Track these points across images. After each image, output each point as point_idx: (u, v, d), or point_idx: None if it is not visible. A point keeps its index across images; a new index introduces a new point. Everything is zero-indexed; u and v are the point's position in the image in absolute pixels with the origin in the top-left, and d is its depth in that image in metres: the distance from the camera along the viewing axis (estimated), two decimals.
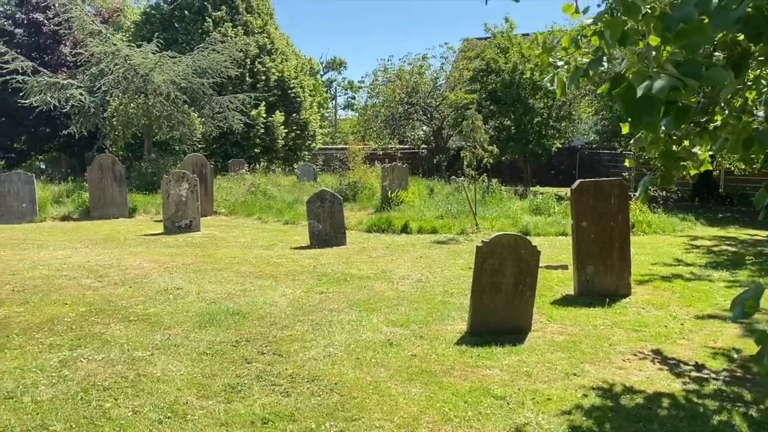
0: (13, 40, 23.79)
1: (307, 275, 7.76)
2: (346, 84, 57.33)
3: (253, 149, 23.70)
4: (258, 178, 19.43)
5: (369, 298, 6.63)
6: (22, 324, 5.40)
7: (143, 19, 25.34)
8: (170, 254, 9.17)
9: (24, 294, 6.49)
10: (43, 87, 18.01)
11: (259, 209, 14.68)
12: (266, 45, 24.89)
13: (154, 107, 17.34)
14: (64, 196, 15.11)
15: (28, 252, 9.22)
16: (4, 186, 13.17)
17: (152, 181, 16.64)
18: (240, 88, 22.58)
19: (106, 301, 6.25)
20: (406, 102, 25.53)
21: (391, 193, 14.60)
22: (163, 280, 7.31)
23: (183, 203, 11.79)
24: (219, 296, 6.56)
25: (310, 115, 26.63)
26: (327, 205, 10.30)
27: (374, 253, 9.51)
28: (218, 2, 24.16)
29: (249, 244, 10.44)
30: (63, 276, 7.40)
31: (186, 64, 18.42)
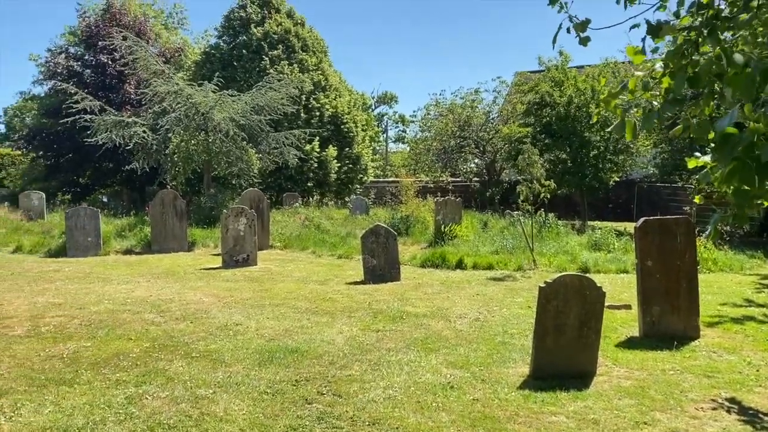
0: (81, 81, 25.11)
1: (362, 312, 7.74)
2: (396, 118, 58.00)
3: (307, 183, 24.10)
4: (311, 211, 19.71)
5: (426, 337, 6.55)
6: (90, 359, 5.54)
7: (203, 58, 26.33)
8: (229, 289, 9.31)
9: (91, 328, 6.68)
10: (109, 125, 18.80)
11: (313, 243, 14.82)
12: (320, 82, 25.45)
13: (213, 144, 17.88)
14: (126, 230, 15.62)
15: (94, 285, 9.52)
16: (71, 220, 13.73)
17: (210, 215, 17.05)
18: (295, 124, 23.09)
19: (168, 336, 6.37)
20: (459, 135, 25.56)
21: (445, 227, 14.52)
22: (223, 315, 7.41)
23: (241, 238, 12.02)
24: (277, 333, 6.60)
25: (362, 149, 26.96)
26: (381, 240, 10.31)
27: (429, 289, 9.43)
28: (275, 41, 24.91)
29: (304, 278, 10.52)
30: (127, 310, 7.59)
31: (245, 102, 18.98)
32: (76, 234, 13.69)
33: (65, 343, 6.06)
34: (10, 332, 6.48)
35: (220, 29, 26.60)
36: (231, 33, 25.74)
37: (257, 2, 26.05)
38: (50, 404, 4.44)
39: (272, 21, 25.43)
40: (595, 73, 21.70)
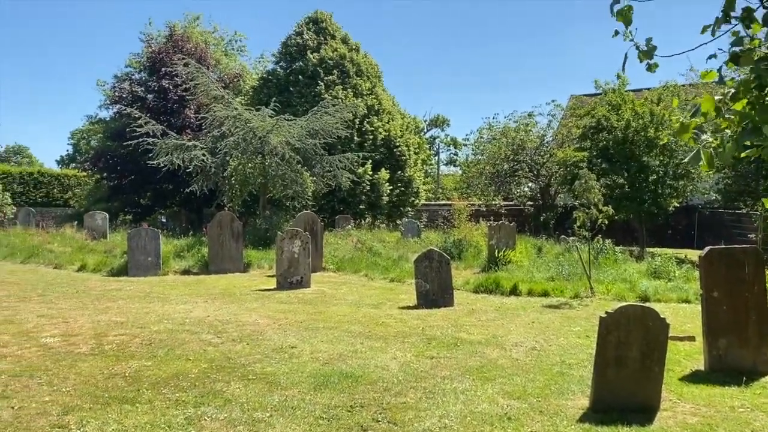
0: (144, 105, 26.08)
1: (416, 338, 7.69)
2: (448, 140, 58.02)
3: (359, 205, 24.27)
4: (363, 234, 19.81)
5: (482, 365, 6.45)
6: (150, 378, 5.67)
7: (260, 83, 27.04)
8: (283, 311, 9.41)
9: (151, 347, 6.85)
10: (170, 148, 19.45)
11: (366, 266, 14.86)
12: (374, 105, 25.74)
13: (269, 167, 18.27)
14: (185, 250, 16.03)
15: (154, 305, 9.79)
16: (133, 241, 14.19)
17: (265, 237, 17.34)
18: (348, 147, 23.36)
19: (225, 357, 6.47)
20: (512, 159, 25.36)
21: (498, 252, 14.36)
22: (278, 337, 7.49)
23: (295, 260, 12.17)
24: (332, 357, 6.62)
25: (414, 172, 27.04)
26: (435, 264, 10.26)
27: (483, 315, 9.31)
28: (330, 67, 25.38)
29: (357, 302, 10.54)
30: (186, 330, 7.76)
31: (300, 126, 19.37)
32: (137, 254, 14.14)
33: (127, 361, 6.22)
34: (75, 349, 6.71)
35: (278, 55, 27.30)
36: (288, 59, 26.37)
37: (313, 29, 26.66)
38: (114, 422, 4.56)
39: (328, 47, 25.94)
40: (654, 96, 21.24)
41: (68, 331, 7.61)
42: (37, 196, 36.50)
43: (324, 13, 27.36)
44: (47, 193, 37.33)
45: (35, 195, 36.46)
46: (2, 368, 5.87)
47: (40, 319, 8.45)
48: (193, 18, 38.97)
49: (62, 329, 7.76)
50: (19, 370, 5.83)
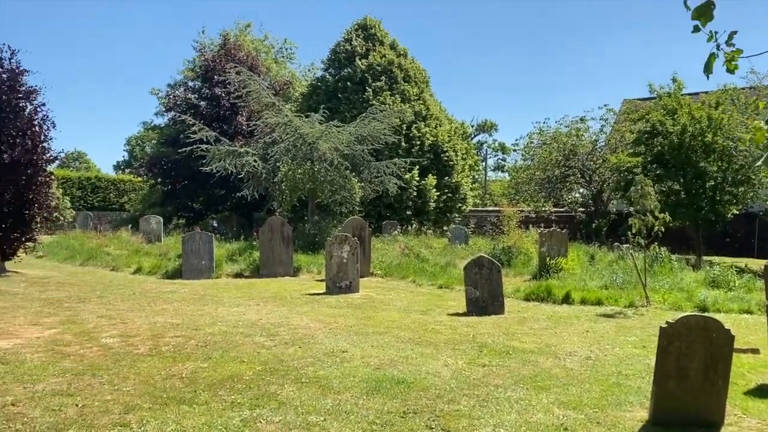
0: (198, 112, 26.72)
1: (467, 345, 7.62)
2: (496, 146, 57.54)
3: (406, 211, 24.28)
4: (410, 240, 19.80)
5: (535, 374, 6.34)
6: (206, 379, 5.78)
7: (310, 90, 27.39)
8: (333, 315, 9.47)
9: (206, 349, 6.98)
10: (223, 154, 19.88)
11: (413, 272, 14.84)
12: (421, 111, 25.75)
13: (319, 173, 18.47)
14: (236, 254, 16.32)
15: (208, 308, 9.99)
16: (187, 245, 14.53)
17: (314, 242, 17.52)
18: (396, 153, 23.41)
19: (278, 360, 6.55)
20: (563, 164, 24.95)
21: (550, 259, 14.13)
22: (329, 341, 7.53)
23: (344, 265, 12.24)
24: (383, 362, 6.61)
25: (461, 177, 26.91)
26: (485, 271, 10.16)
27: (535, 324, 9.17)
28: (378, 73, 25.51)
29: (406, 308, 10.52)
30: (239, 333, 7.89)
31: (349, 132, 19.52)
32: (191, 257, 14.46)
33: (183, 363, 6.36)
34: (134, 350, 6.89)
35: (326, 62, 27.61)
36: (336, 65, 26.64)
37: (362, 35, 26.86)
38: (172, 423, 4.66)
39: (376, 53, 26.09)
40: (712, 100, 20.58)
41: (126, 332, 7.84)
42: (95, 201, 37.79)
43: (373, 19, 27.54)
44: (104, 197, 38.61)
45: (93, 199, 37.76)
46: (66, 367, 6.08)
47: (100, 319, 8.73)
48: (245, 26, 39.83)
49: (121, 330, 7.99)
50: (81, 368, 6.03)
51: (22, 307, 9.71)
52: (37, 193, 14.69)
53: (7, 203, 14.39)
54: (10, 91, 14.55)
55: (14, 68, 14.72)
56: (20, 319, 8.63)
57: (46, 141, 14.94)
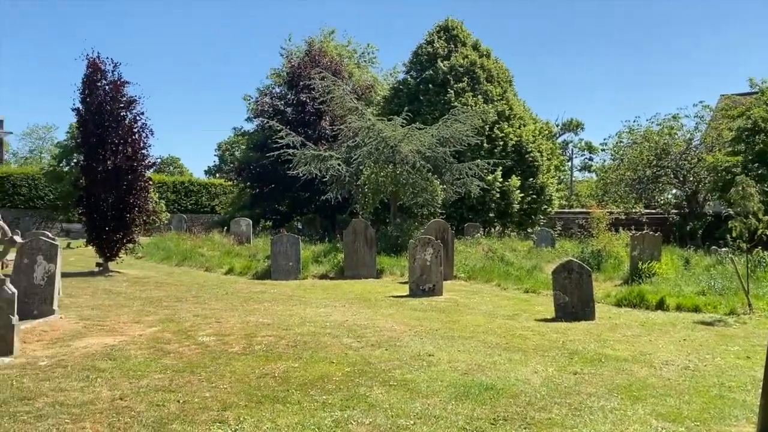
0: (284, 118, 27.48)
1: (556, 351, 7.43)
2: (582, 145, 55.87)
3: (488, 213, 23.99)
4: (494, 242, 19.54)
5: (630, 383, 6.10)
6: (298, 379, 5.93)
7: (391, 93, 27.57)
8: (418, 318, 9.49)
9: (297, 349, 7.17)
10: (308, 158, 20.36)
11: (498, 275, 14.63)
12: (505, 111, 25.40)
13: (401, 175, 18.57)
14: (321, 256, 16.66)
15: (296, 308, 10.25)
16: (276, 246, 14.97)
17: (396, 244, 17.62)
18: (478, 154, 23.18)
19: (366, 362, 6.63)
20: (655, 164, 23.90)
21: (642, 263, 13.57)
22: (415, 344, 7.55)
23: (427, 267, 12.24)
24: (470, 367, 6.56)
25: (546, 178, 26.32)
26: (574, 276, 9.88)
27: (628, 331, 8.82)
28: (460, 74, 25.36)
29: (491, 312, 10.39)
30: (327, 333, 8.04)
31: (431, 134, 19.52)
32: (279, 259, 14.89)
33: (276, 362, 6.55)
34: (229, 348, 7.17)
35: (408, 65, 27.72)
36: (418, 68, 26.70)
37: (444, 37, 26.80)
38: (267, 421, 4.80)
39: (458, 54, 25.96)
40: None
41: (221, 331, 8.16)
42: (188, 204, 39.62)
43: (455, 20, 27.43)
44: (196, 200, 40.41)
45: (186, 202, 39.60)
46: (167, 364, 6.39)
47: (196, 318, 9.13)
48: (329, 32, 40.61)
49: (216, 329, 8.33)
50: (181, 366, 6.33)
51: (125, 306, 10.31)
52: (137, 198, 15.54)
53: (110, 207, 15.32)
54: (112, 102, 15.49)
55: (116, 80, 15.65)
56: (124, 317, 9.16)
57: (145, 148, 15.80)
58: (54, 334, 7.81)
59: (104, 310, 9.79)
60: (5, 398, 5.12)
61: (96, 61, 15.50)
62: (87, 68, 15.46)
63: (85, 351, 6.86)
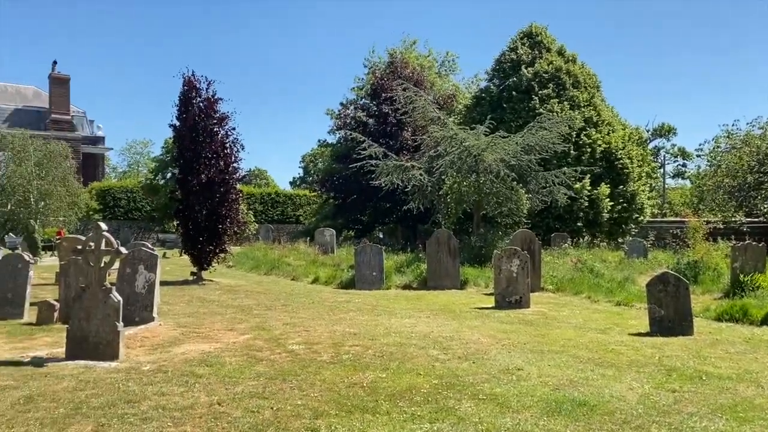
0: (366, 129, 27.87)
1: (652, 367, 7.11)
2: (675, 151, 53.42)
3: (576, 222, 23.33)
4: (582, 253, 18.96)
5: (735, 404, 5.75)
6: (386, 390, 5.96)
7: (473, 102, 27.41)
8: (504, 331, 9.33)
9: (383, 359, 7.21)
10: (390, 169, 20.52)
11: (587, 287, 14.18)
12: (592, 117, 24.70)
13: (484, 185, 18.39)
14: (404, 266, 16.72)
15: (381, 318, 10.32)
16: (359, 256, 15.16)
17: (480, 255, 17.42)
18: (564, 162, 22.64)
19: (453, 375, 6.57)
20: (757, 170, 22.50)
21: (744, 276, 12.77)
22: (503, 358, 7.42)
23: (513, 279, 12.02)
24: (561, 382, 6.38)
25: (637, 186, 25.35)
26: (670, 289, 9.43)
27: (731, 347, 8.32)
28: (545, 80, 24.89)
29: (581, 325, 10.08)
30: (413, 345, 8.05)
31: (515, 142, 19.23)
32: (363, 269, 15.06)
33: (363, 372, 6.61)
34: (317, 357, 7.31)
35: (490, 72, 27.49)
36: (501, 75, 26.42)
37: (528, 43, 26.41)
38: (358, 431, 4.86)
39: (543, 60, 25.51)
40: None
41: (310, 340, 8.33)
42: (274, 214, 40.84)
43: (539, 26, 26.98)
44: (282, 211, 41.60)
45: (273, 213, 40.83)
46: (260, 371, 6.59)
47: (285, 326, 9.37)
48: (410, 43, 40.93)
49: (304, 337, 8.51)
50: (273, 373, 6.50)
51: (218, 314, 10.72)
52: (228, 209, 16.18)
53: (204, 219, 16.02)
54: (206, 118, 16.23)
55: (210, 97, 16.39)
56: (218, 325, 9.53)
57: (236, 162, 16.45)
58: (154, 340, 8.23)
59: (199, 318, 10.23)
60: (113, 400, 5.43)
61: (191, 79, 16.30)
62: (183, 86, 16.30)
63: (183, 357, 7.19)
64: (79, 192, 27.59)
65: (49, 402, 5.37)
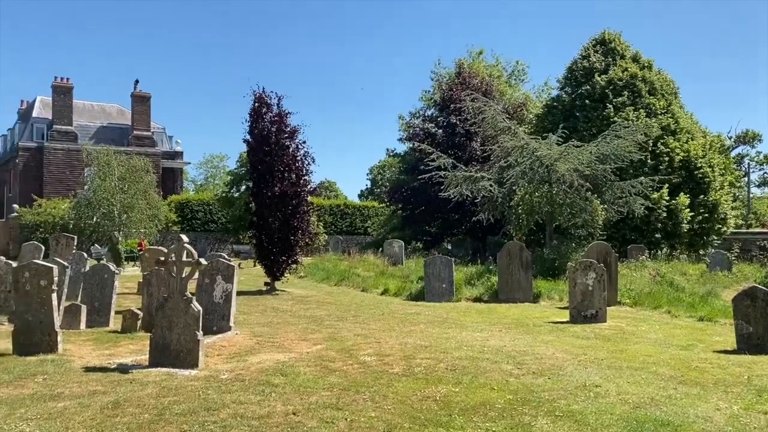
0: (434, 140, 27.84)
1: (741, 387, 6.73)
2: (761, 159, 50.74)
3: (654, 234, 22.49)
4: (661, 265, 18.24)
5: None
6: (459, 404, 5.89)
7: (544, 111, 26.93)
8: (580, 346, 9.07)
9: (456, 373, 7.14)
10: (459, 180, 20.41)
11: (667, 301, 13.63)
12: (669, 125, 23.82)
13: (557, 195, 18.01)
14: (474, 278, 16.54)
15: (452, 331, 10.24)
16: (429, 268, 15.12)
17: (553, 267, 17.03)
18: (641, 171, 21.92)
19: (528, 390, 6.44)
20: None
21: None
22: (579, 374, 7.21)
23: (589, 292, 11.68)
24: (642, 400, 6.13)
25: (719, 196, 24.18)
26: (759, 304, 8.93)
27: None
28: (620, 88, 24.21)
29: (662, 341, 9.68)
30: (485, 359, 7.93)
31: (589, 151, 18.75)
32: (433, 280, 15.00)
33: (436, 385, 6.57)
34: (389, 369, 7.31)
35: (562, 81, 26.96)
36: (573, 84, 25.88)
37: (601, 50, 25.79)
38: None
39: (617, 68, 24.84)
40: None
41: (381, 351, 8.36)
42: (343, 225, 41.41)
43: (612, 33, 26.30)
44: (351, 222, 42.14)
45: (341, 224, 41.41)
46: (333, 381, 6.66)
47: (357, 337, 9.45)
48: (477, 53, 40.72)
49: (376, 349, 8.55)
50: (346, 384, 6.56)
51: (291, 324, 10.93)
52: (300, 221, 16.52)
53: (277, 230, 16.39)
54: (277, 132, 16.66)
55: (280, 111, 16.83)
56: (291, 335, 9.71)
57: (307, 174, 16.80)
58: (231, 349, 8.46)
59: (273, 327, 10.46)
60: (194, 407, 5.61)
61: (262, 96, 16.80)
62: (254, 102, 16.81)
63: (259, 366, 7.35)
64: (159, 205, 28.84)
65: (135, 407, 5.60)
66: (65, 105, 39.69)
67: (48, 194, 35.90)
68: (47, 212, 30.81)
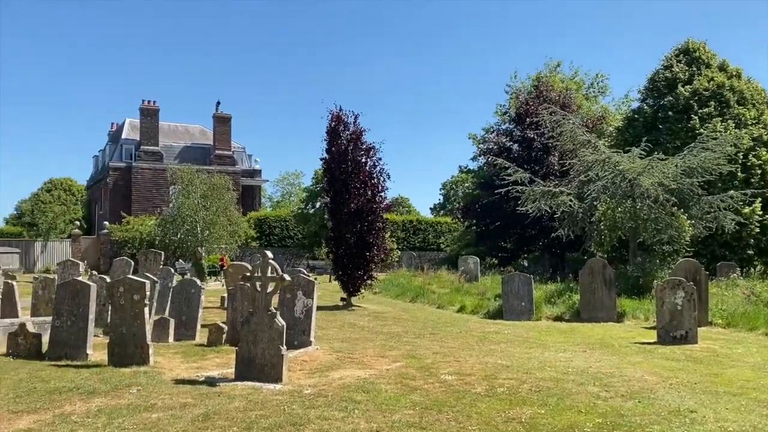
0: (510, 155, 27.46)
1: None
2: None
3: (746, 250, 21.32)
4: (755, 284, 17.19)
5: None
6: (546, 427, 5.72)
7: (625, 123, 26.11)
8: (671, 368, 8.65)
9: (540, 394, 6.94)
10: (537, 195, 20.02)
11: (764, 322, 12.85)
12: (762, 136, 22.55)
13: (641, 210, 17.36)
14: (554, 296, 16.13)
15: (533, 351, 9.99)
16: (507, 286, 14.86)
17: (638, 285, 16.39)
18: (731, 185, 20.86)
19: (618, 414, 6.18)
20: None
21: None
22: (672, 398, 6.86)
23: (678, 312, 11.15)
24: (744, 428, 5.77)
25: None
26: None
27: None
28: (705, 98, 23.19)
29: (761, 366, 9.09)
30: (570, 380, 7.68)
31: (675, 165, 18.00)
32: (511, 298, 14.73)
33: (520, 407, 6.41)
34: (471, 389, 7.20)
35: (643, 92, 26.11)
36: (655, 95, 25.01)
37: (684, 60, 24.83)
38: None
39: (702, 77, 23.81)
40: None
41: (461, 370, 8.24)
42: (416, 241, 41.39)
43: (696, 42, 25.27)
44: (424, 238, 42.08)
45: (414, 240, 41.41)
46: (415, 400, 6.62)
47: (436, 355, 9.36)
48: (554, 66, 40.01)
49: (455, 368, 8.44)
50: (428, 403, 6.50)
51: (369, 340, 10.97)
52: (375, 237, 16.63)
53: (353, 246, 16.56)
54: (353, 150, 16.88)
55: (356, 129, 17.05)
56: (370, 351, 9.74)
57: (382, 191, 16.92)
58: (313, 364, 8.57)
59: (352, 343, 10.52)
60: (280, 422, 5.70)
61: (339, 114, 17.08)
62: (331, 121, 17.10)
63: (341, 382, 7.40)
64: (239, 221, 29.76)
65: (224, 420, 5.74)
66: (152, 126, 41.75)
67: (136, 212, 37.76)
68: (135, 229, 32.38)
